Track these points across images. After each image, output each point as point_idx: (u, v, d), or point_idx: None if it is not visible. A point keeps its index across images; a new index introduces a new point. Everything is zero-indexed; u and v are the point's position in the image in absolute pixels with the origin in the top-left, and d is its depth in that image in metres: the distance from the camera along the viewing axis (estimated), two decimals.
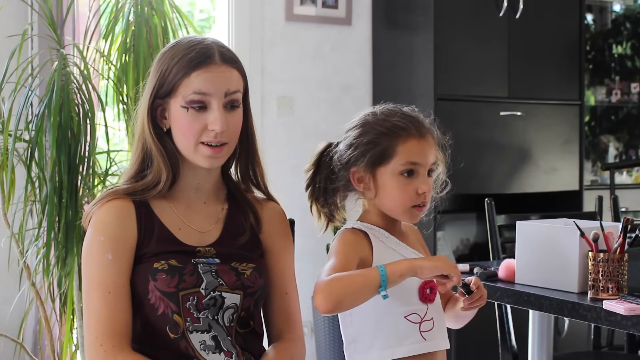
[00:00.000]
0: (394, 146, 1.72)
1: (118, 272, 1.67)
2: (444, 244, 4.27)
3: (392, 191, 1.73)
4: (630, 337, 3.15)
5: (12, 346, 3.28)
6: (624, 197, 4.21)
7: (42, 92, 3.07)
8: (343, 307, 1.63)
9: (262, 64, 4.11)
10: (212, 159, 1.71)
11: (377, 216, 1.78)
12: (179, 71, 1.68)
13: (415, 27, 4.13)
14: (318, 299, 1.60)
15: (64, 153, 2.90)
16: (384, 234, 1.77)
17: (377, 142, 1.73)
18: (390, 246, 1.76)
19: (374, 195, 1.75)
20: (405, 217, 1.76)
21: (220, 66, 1.69)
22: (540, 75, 4.34)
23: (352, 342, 1.76)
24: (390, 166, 1.72)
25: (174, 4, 3.28)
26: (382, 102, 1.82)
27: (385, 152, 1.72)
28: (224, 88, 1.69)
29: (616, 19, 5.53)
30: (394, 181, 1.72)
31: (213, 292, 1.69)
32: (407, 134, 1.73)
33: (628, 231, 2.05)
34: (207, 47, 1.70)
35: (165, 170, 1.71)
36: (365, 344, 1.73)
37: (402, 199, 1.73)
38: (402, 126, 1.73)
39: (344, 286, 1.60)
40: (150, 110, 1.71)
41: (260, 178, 1.84)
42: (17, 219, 3.03)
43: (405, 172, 1.72)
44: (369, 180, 1.75)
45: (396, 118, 1.74)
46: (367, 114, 1.79)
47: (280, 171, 4.13)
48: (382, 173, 1.73)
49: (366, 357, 1.74)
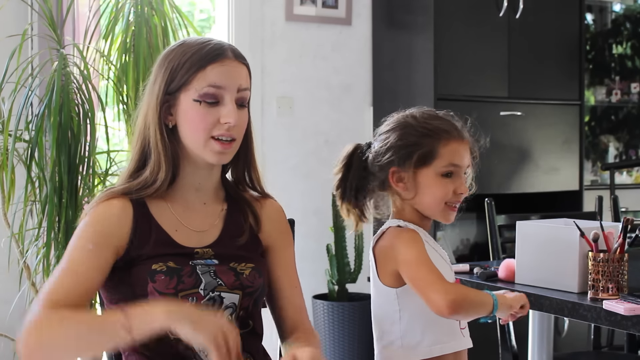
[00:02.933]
0: (437, 148, 1.78)
1: (93, 265, 1.65)
2: (444, 243, 4.26)
3: (434, 190, 1.78)
4: (630, 337, 3.15)
5: (12, 346, 3.28)
6: (624, 197, 4.21)
7: (42, 92, 3.07)
8: (459, 316, 1.73)
9: (262, 64, 4.11)
10: (221, 155, 1.71)
11: (413, 215, 1.83)
12: (193, 65, 1.69)
13: (415, 27, 4.13)
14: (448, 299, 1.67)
15: (64, 153, 2.90)
16: (425, 233, 1.83)
17: (420, 143, 1.79)
18: (432, 246, 1.82)
19: (413, 195, 1.80)
20: (442, 216, 1.82)
21: (233, 61, 1.71)
22: (540, 75, 4.34)
23: (399, 339, 1.80)
24: (433, 167, 1.78)
25: (174, 4, 3.28)
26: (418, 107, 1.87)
27: (428, 154, 1.78)
28: (237, 83, 1.71)
29: (616, 19, 5.53)
30: (436, 181, 1.78)
31: (212, 292, 1.69)
32: (449, 137, 1.80)
33: (628, 231, 2.05)
34: (219, 43, 1.73)
35: (165, 167, 1.71)
36: (414, 340, 1.77)
37: (442, 197, 1.79)
38: (445, 129, 1.80)
39: (470, 301, 1.71)
40: (159, 106, 1.71)
41: (256, 182, 1.85)
42: (17, 219, 3.03)
43: (446, 174, 1.79)
44: (409, 180, 1.79)
45: (438, 121, 1.82)
46: (405, 116, 1.84)
47: (281, 171, 4.14)
48: (423, 174, 1.79)
49: (413, 353, 1.78)
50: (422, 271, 1.71)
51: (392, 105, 1.91)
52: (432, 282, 1.69)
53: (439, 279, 1.70)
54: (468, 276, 2.40)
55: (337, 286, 4.01)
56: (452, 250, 4.38)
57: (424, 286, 1.70)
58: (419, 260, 1.73)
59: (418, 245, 1.76)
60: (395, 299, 1.78)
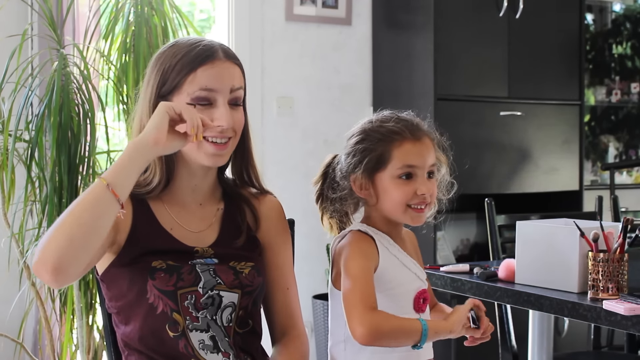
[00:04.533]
0: (390, 151, 1.74)
1: None
2: (444, 244, 4.27)
3: (392, 194, 1.74)
4: (630, 337, 3.15)
5: (12, 346, 3.28)
6: (624, 197, 4.21)
7: (42, 92, 3.07)
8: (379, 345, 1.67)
9: (262, 64, 4.11)
10: (216, 157, 1.71)
11: (380, 222, 1.79)
12: (184, 67, 1.68)
13: (415, 27, 4.13)
14: (360, 330, 1.62)
15: (64, 153, 2.90)
16: (388, 240, 1.78)
17: (373, 148, 1.75)
18: (393, 253, 1.77)
19: (376, 200, 1.77)
20: (407, 219, 1.77)
21: (224, 62, 1.70)
22: (540, 75, 4.34)
23: (341, 342, 1.76)
24: (388, 171, 1.74)
25: (174, 4, 3.28)
26: (380, 109, 1.84)
27: (381, 158, 1.74)
28: (229, 84, 1.70)
29: (616, 19, 5.53)
30: (392, 184, 1.74)
31: (211, 290, 1.69)
32: (402, 138, 1.74)
33: (628, 231, 2.05)
34: (210, 44, 1.72)
35: (159, 173, 1.71)
36: (356, 346, 1.72)
37: (400, 199, 1.74)
38: (396, 130, 1.75)
39: (388, 331, 1.64)
40: (151, 109, 1.70)
41: (255, 179, 1.84)
42: (17, 219, 3.03)
43: (403, 176, 1.74)
44: (369, 187, 1.76)
45: (390, 123, 1.76)
46: (365, 122, 1.81)
47: (281, 171, 4.14)
48: (380, 178, 1.75)
49: (356, 358, 1.74)
50: (351, 290, 1.66)
51: (392, 105, 1.90)
52: (354, 307, 1.64)
53: (361, 305, 1.64)
54: (468, 276, 2.40)
55: None
56: (452, 250, 4.38)
57: (347, 308, 1.66)
58: (355, 276, 1.68)
59: (363, 261, 1.71)
60: (340, 302, 1.72)
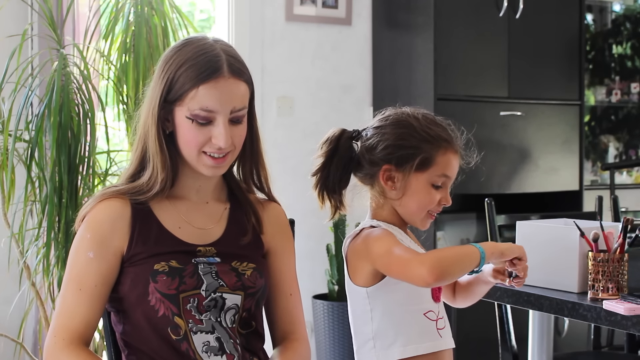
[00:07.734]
0: (434, 156, 1.75)
1: (95, 272, 1.67)
2: (444, 243, 4.27)
3: (421, 197, 1.76)
4: (630, 337, 3.15)
5: (12, 346, 3.28)
6: (624, 197, 4.21)
7: (42, 92, 3.07)
8: (447, 278, 1.67)
9: (262, 64, 4.11)
10: (214, 169, 1.71)
11: (392, 215, 1.80)
12: (187, 81, 1.65)
13: (415, 27, 4.13)
14: (423, 270, 1.61)
15: (64, 153, 2.90)
16: (401, 233, 1.79)
17: (420, 148, 1.75)
18: (408, 244, 1.78)
19: (400, 196, 1.77)
20: (421, 223, 1.80)
21: (228, 79, 1.66)
22: (540, 75, 4.34)
23: (371, 339, 1.77)
24: (427, 174, 1.75)
25: (174, 4, 3.28)
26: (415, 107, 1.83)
27: (425, 160, 1.75)
28: (230, 105, 1.67)
29: (616, 19, 5.52)
30: (426, 188, 1.76)
31: (214, 293, 1.69)
32: (448, 146, 1.77)
33: (628, 231, 2.05)
34: (216, 56, 1.67)
35: (163, 175, 1.70)
36: (387, 341, 1.74)
37: (427, 205, 1.77)
38: (445, 138, 1.77)
39: (449, 258, 1.66)
40: (155, 115, 1.69)
41: (264, 180, 1.82)
42: (17, 219, 3.03)
43: (439, 183, 1.76)
44: (399, 181, 1.76)
45: (439, 128, 1.78)
46: (406, 115, 1.79)
47: (281, 171, 4.13)
48: (417, 179, 1.75)
49: (387, 353, 1.75)
50: (394, 256, 1.67)
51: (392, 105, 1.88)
52: (407, 261, 1.65)
53: (412, 255, 1.66)
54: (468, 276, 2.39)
55: (337, 286, 4.01)
56: None
57: (401, 268, 1.66)
58: (390, 248, 1.69)
59: (389, 237, 1.72)
60: (366, 299, 1.75)
